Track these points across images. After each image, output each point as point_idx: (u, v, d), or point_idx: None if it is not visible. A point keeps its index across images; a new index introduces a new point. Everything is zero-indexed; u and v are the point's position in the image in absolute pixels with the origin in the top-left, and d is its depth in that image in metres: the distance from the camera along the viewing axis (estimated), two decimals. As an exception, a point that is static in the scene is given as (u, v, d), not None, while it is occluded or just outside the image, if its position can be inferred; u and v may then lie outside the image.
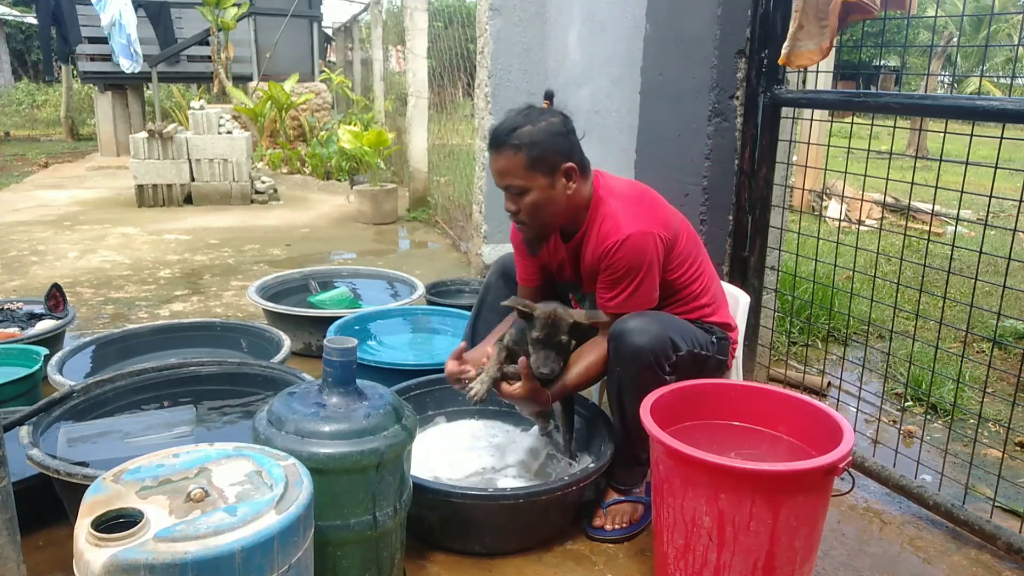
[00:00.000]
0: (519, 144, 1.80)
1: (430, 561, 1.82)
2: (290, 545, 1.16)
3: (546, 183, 1.83)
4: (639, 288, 1.83)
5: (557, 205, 1.87)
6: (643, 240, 1.83)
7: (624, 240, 1.81)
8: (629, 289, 1.84)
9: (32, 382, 2.38)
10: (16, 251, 4.89)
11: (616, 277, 1.84)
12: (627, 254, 1.81)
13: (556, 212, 1.88)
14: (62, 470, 1.59)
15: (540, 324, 1.83)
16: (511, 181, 1.84)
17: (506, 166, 1.83)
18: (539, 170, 1.82)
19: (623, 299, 1.85)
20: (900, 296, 2.29)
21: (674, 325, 1.85)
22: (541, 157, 1.81)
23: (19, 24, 17.73)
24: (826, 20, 2.05)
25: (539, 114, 1.85)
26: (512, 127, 1.82)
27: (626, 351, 1.78)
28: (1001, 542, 1.86)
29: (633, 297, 1.84)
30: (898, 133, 4.90)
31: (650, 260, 1.83)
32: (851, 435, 1.56)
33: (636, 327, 1.78)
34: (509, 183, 1.84)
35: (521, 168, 1.81)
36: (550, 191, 1.84)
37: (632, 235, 1.82)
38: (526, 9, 3.91)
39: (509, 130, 1.81)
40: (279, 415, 1.45)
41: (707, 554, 1.56)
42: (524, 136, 1.80)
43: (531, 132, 1.80)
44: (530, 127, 1.81)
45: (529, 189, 1.83)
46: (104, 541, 1.06)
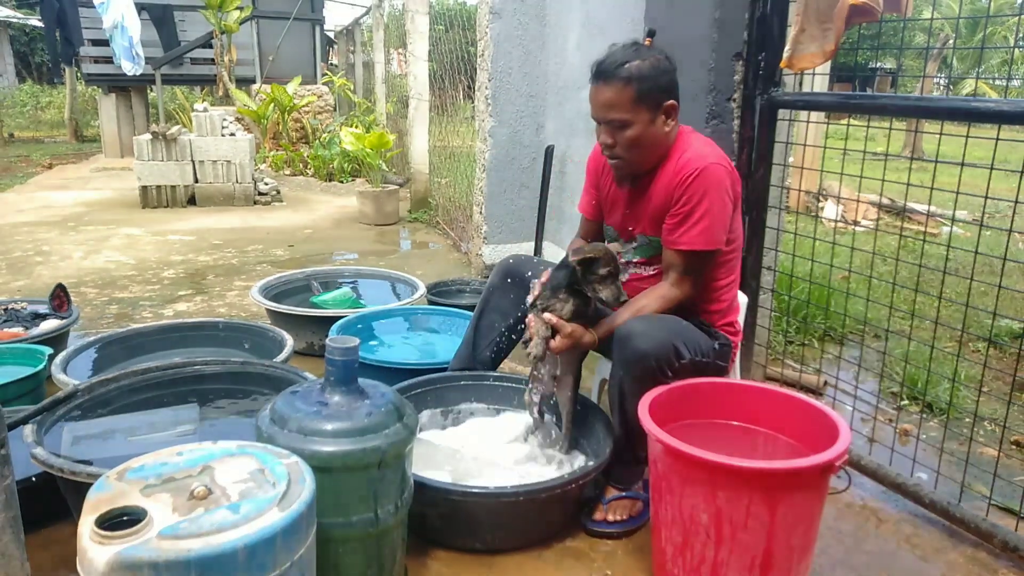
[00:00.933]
0: (628, 77, 1.79)
1: (431, 558, 1.83)
2: (292, 542, 1.17)
3: (648, 119, 1.83)
4: (712, 219, 1.82)
5: (656, 142, 1.88)
6: (720, 172, 1.83)
7: (704, 168, 1.82)
8: (702, 220, 1.82)
9: (36, 381, 2.39)
10: (21, 251, 4.91)
11: (690, 207, 1.83)
12: (704, 182, 1.81)
13: (653, 148, 1.89)
14: (66, 468, 1.60)
15: (603, 262, 1.85)
16: (615, 114, 1.83)
17: (613, 98, 1.82)
18: (645, 105, 1.82)
19: (694, 231, 1.83)
20: (896, 296, 2.31)
21: (680, 331, 1.84)
22: (648, 92, 1.80)
23: (23, 26, 17.76)
24: (828, 23, 2.07)
25: (646, 50, 1.84)
26: (622, 60, 1.80)
27: (630, 354, 1.78)
28: (997, 540, 1.87)
29: (703, 229, 1.83)
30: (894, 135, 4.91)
31: (724, 194, 1.83)
32: (847, 433, 1.58)
33: (642, 331, 1.78)
34: (613, 116, 1.83)
35: (628, 101, 1.81)
36: (651, 127, 1.85)
37: (711, 165, 1.82)
38: (526, 12, 3.93)
39: (619, 63, 1.80)
40: (282, 413, 1.46)
41: (705, 551, 1.57)
42: (633, 70, 1.79)
43: (640, 67, 1.79)
44: (639, 61, 1.80)
45: (632, 123, 1.83)
46: (108, 539, 1.06)
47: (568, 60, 3.76)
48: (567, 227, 3.93)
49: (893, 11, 2.11)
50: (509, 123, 4.06)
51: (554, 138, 3.97)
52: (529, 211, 4.10)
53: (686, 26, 2.48)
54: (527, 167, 4.14)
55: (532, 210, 4.04)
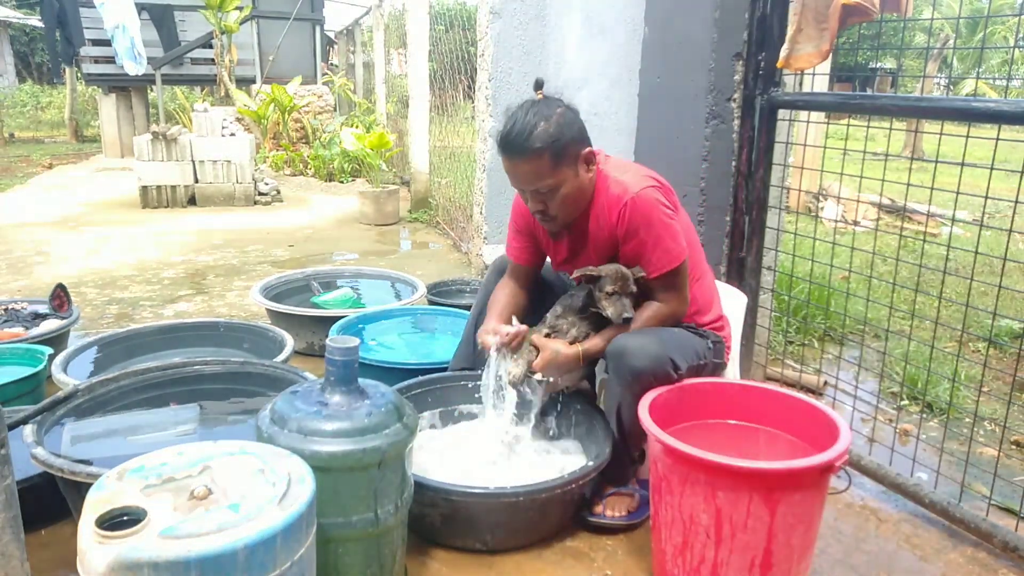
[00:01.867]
0: (541, 146, 1.76)
1: (431, 558, 1.83)
2: (293, 542, 1.17)
3: (572, 174, 1.83)
4: (664, 238, 1.82)
5: (584, 192, 1.87)
6: (648, 194, 1.82)
7: (631, 200, 1.81)
8: (657, 244, 1.83)
9: (36, 381, 2.39)
10: (21, 251, 4.91)
11: (639, 239, 1.84)
12: (638, 211, 1.81)
13: (583, 199, 1.88)
14: (66, 468, 1.60)
15: (611, 280, 1.87)
16: (540, 184, 1.81)
17: (532, 171, 1.80)
18: (565, 164, 1.80)
19: (655, 257, 1.84)
20: (896, 296, 2.31)
21: (672, 342, 1.84)
22: (564, 151, 1.79)
23: (23, 26, 17.77)
24: (825, 23, 2.07)
25: (546, 107, 1.81)
26: (528, 130, 1.77)
27: (627, 372, 1.78)
28: (997, 540, 1.87)
29: (663, 251, 1.83)
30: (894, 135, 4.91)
31: (663, 210, 1.83)
32: (847, 434, 1.58)
33: (636, 347, 1.78)
34: (538, 186, 1.82)
35: (548, 169, 1.79)
36: (576, 180, 1.84)
37: (638, 193, 1.82)
38: (526, 12, 3.92)
39: (526, 134, 1.77)
40: (282, 414, 1.46)
41: (705, 551, 1.57)
42: (543, 137, 1.76)
43: (547, 130, 1.77)
44: (544, 124, 1.77)
45: (559, 186, 1.82)
46: (108, 539, 1.06)
47: (568, 60, 3.76)
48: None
49: (893, 11, 2.11)
50: (509, 123, 4.05)
51: (554, 138, 3.96)
52: (529, 211, 4.09)
53: (686, 26, 2.48)
54: (527, 167, 4.13)
55: (532, 210, 4.03)
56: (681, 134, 2.57)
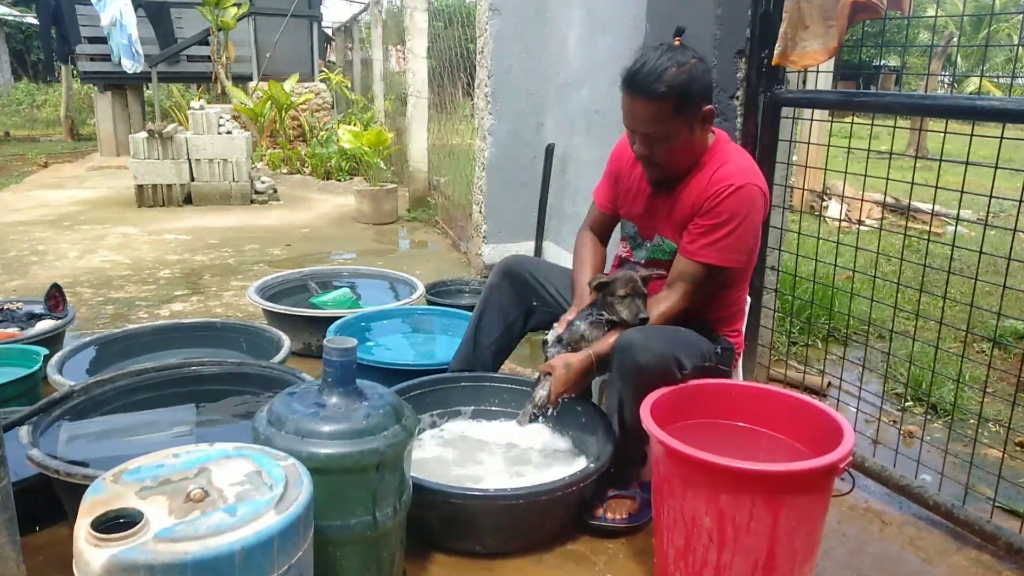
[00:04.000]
0: (667, 91, 1.71)
1: (431, 561, 1.82)
2: (290, 545, 1.16)
3: (687, 129, 1.78)
4: (736, 239, 1.79)
5: (694, 149, 1.84)
6: (756, 194, 1.79)
7: (742, 187, 1.78)
8: (726, 238, 1.79)
9: (32, 382, 2.38)
10: (16, 251, 4.89)
11: (717, 222, 1.79)
12: (737, 201, 1.77)
13: (689, 155, 1.85)
14: (61, 470, 1.59)
15: (621, 283, 1.87)
16: (654, 128, 1.76)
17: (651, 113, 1.74)
18: (683, 116, 1.76)
19: (716, 247, 1.80)
20: (900, 296, 2.29)
21: (681, 341, 1.82)
22: (687, 102, 1.74)
23: (19, 24, 17.73)
24: (832, 20, 2.05)
25: (680, 54, 1.75)
26: (659, 71, 1.70)
27: (630, 368, 1.76)
28: (1001, 542, 1.86)
29: (724, 247, 1.80)
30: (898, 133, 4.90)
31: (755, 216, 1.80)
32: (851, 435, 1.56)
33: (641, 344, 1.75)
34: (651, 130, 1.77)
35: (668, 115, 1.74)
36: (689, 136, 1.80)
37: (749, 184, 1.78)
38: (526, 9, 3.90)
39: (656, 74, 1.70)
40: (279, 415, 1.45)
41: (707, 554, 1.56)
42: (672, 81, 1.70)
43: (678, 77, 1.71)
44: (675, 70, 1.71)
45: (671, 137, 1.77)
46: (104, 541, 1.06)
47: (569, 57, 3.74)
48: (568, 226, 3.91)
49: (896, 9, 2.09)
50: (509, 121, 4.04)
51: (555, 136, 3.95)
52: (529, 210, 4.08)
53: (688, 23, 2.46)
54: (527, 165, 4.12)
55: (532, 209, 4.02)
56: (683, 132, 2.55)
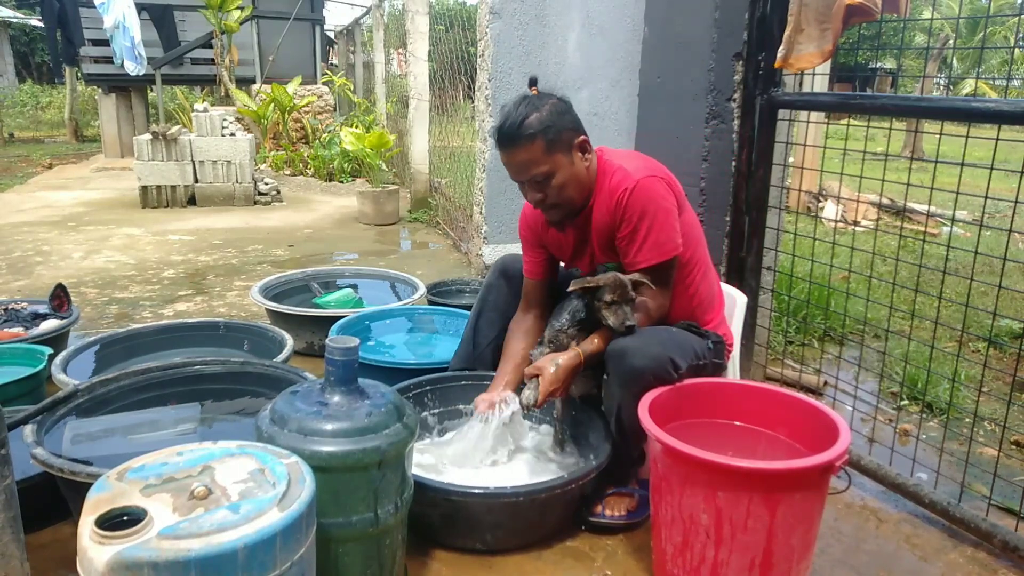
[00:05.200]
0: (533, 133, 1.80)
1: (431, 558, 1.83)
2: (293, 542, 1.17)
3: (567, 161, 1.86)
4: (659, 231, 1.83)
5: (582, 179, 1.90)
6: (652, 184, 1.84)
7: (635, 186, 1.83)
8: (649, 235, 1.84)
9: (36, 381, 2.39)
10: (21, 251, 4.91)
11: (633, 226, 1.84)
12: (639, 199, 1.83)
13: (581, 186, 1.91)
14: (66, 468, 1.60)
15: (609, 289, 1.85)
16: (535, 170, 1.84)
17: (527, 158, 1.83)
18: (559, 150, 1.83)
19: (646, 247, 1.84)
20: (896, 296, 2.32)
21: (674, 342, 1.84)
22: (557, 138, 1.82)
23: (23, 26, 17.77)
24: (827, 23, 2.06)
25: (537, 100, 1.85)
26: (520, 119, 1.81)
27: (626, 373, 1.78)
28: (997, 540, 1.87)
29: (654, 243, 1.84)
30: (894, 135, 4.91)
31: (663, 203, 1.84)
32: (847, 434, 1.58)
33: (635, 347, 1.77)
34: (533, 173, 1.84)
35: (542, 154, 1.82)
36: (572, 168, 1.87)
37: (640, 181, 1.84)
38: (526, 12, 3.92)
39: (518, 123, 1.81)
40: (282, 414, 1.46)
41: (705, 551, 1.57)
42: (535, 124, 1.81)
43: (540, 118, 1.81)
44: (537, 114, 1.81)
45: (554, 172, 1.84)
46: (108, 539, 1.06)
47: (568, 60, 3.76)
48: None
49: (892, 11, 2.11)
50: (509, 123, 4.05)
51: (554, 138, 3.96)
52: (529, 211, 4.09)
53: (686, 26, 2.48)
54: (527, 167, 4.13)
55: (532, 210, 4.03)
56: (681, 134, 2.57)
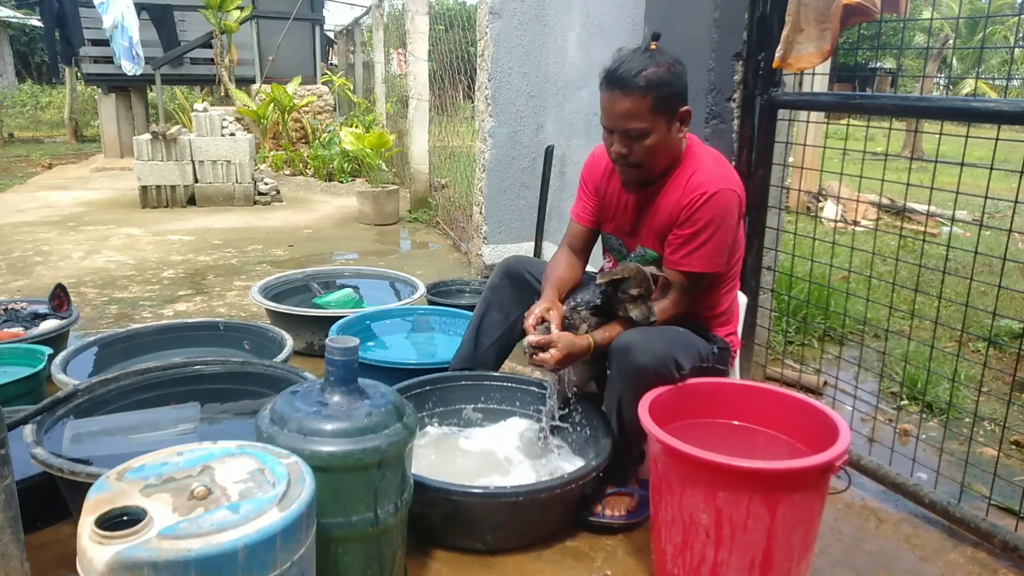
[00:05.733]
0: (647, 85, 1.74)
1: (431, 558, 1.83)
2: (292, 542, 1.17)
3: (665, 127, 1.80)
4: (715, 245, 1.82)
5: (671, 149, 1.85)
6: (730, 198, 1.81)
7: (715, 193, 1.79)
8: (706, 245, 1.81)
9: (36, 381, 2.39)
10: (20, 251, 4.91)
11: (695, 230, 1.82)
12: (712, 208, 1.80)
13: (666, 155, 1.86)
14: (65, 468, 1.60)
15: (635, 283, 1.84)
16: (634, 124, 1.78)
17: (631, 108, 1.76)
18: (663, 113, 1.78)
19: (698, 255, 1.82)
20: (896, 296, 2.32)
21: (678, 341, 1.83)
22: (667, 99, 1.77)
23: (23, 26, 17.77)
24: (826, 23, 2.06)
25: (659, 55, 1.78)
26: (639, 68, 1.74)
27: (629, 369, 1.77)
28: (997, 540, 1.87)
29: (706, 253, 1.82)
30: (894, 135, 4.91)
31: (731, 220, 1.82)
32: (847, 434, 1.58)
33: (640, 344, 1.77)
34: (631, 126, 1.78)
35: (647, 111, 1.76)
36: (667, 134, 1.82)
37: (723, 190, 1.80)
38: (526, 12, 3.93)
39: (636, 71, 1.73)
40: (282, 413, 1.46)
41: (705, 551, 1.57)
42: (652, 77, 1.74)
43: (657, 73, 1.74)
44: (655, 68, 1.74)
45: (650, 132, 1.79)
46: (107, 539, 1.06)
47: (568, 60, 3.76)
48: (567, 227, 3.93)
49: (891, 11, 2.11)
50: (509, 123, 4.06)
51: (554, 138, 3.97)
52: (529, 211, 4.10)
53: (686, 26, 2.48)
54: (527, 167, 4.14)
55: (532, 210, 4.04)
56: (681, 134, 2.57)
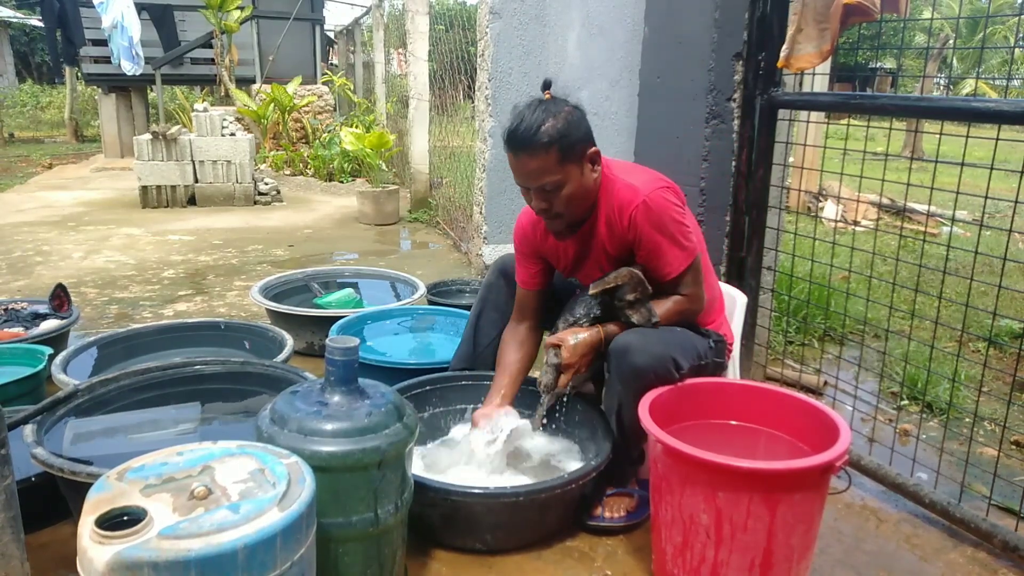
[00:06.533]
0: (549, 141, 1.75)
1: (432, 558, 1.83)
2: (293, 542, 1.17)
3: (578, 172, 1.82)
4: (677, 238, 1.83)
5: (589, 191, 1.86)
6: (657, 196, 1.82)
7: (641, 203, 1.81)
8: (672, 246, 1.83)
9: (36, 381, 2.39)
10: (21, 251, 4.91)
11: (654, 243, 1.83)
12: (648, 215, 1.81)
13: (588, 198, 1.87)
14: (66, 468, 1.60)
15: (630, 288, 1.84)
16: (546, 179, 1.79)
17: (539, 166, 1.78)
18: (571, 161, 1.79)
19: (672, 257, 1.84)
20: (896, 296, 2.32)
21: (676, 342, 1.83)
22: (571, 148, 1.78)
23: (23, 26, 17.78)
24: (826, 23, 2.07)
25: (553, 105, 1.80)
26: (536, 125, 1.76)
27: (627, 371, 1.78)
28: (997, 540, 1.87)
29: (676, 249, 1.83)
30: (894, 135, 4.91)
31: (672, 211, 1.83)
32: (847, 434, 1.58)
33: (638, 346, 1.77)
34: (544, 182, 1.80)
35: (555, 164, 1.78)
36: (581, 179, 1.83)
37: (647, 196, 1.81)
38: (526, 12, 3.92)
39: (534, 129, 1.76)
40: (282, 413, 1.46)
41: (705, 551, 1.57)
42: (551, 132, 1.75)
43: (556, 126, 1.76)
44: (553, 121, 1.76)
45: (564, 183, 1.80)
46: (108, 539, 1.06)
47: (568, 60, 3.76)
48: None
49: (892, 11, 2.11)
50: (509, 123, 4.06)
51: (554, 138, 3.97)
52: (529, 211, 4.10)
53: (686, 26, 2.48)
54: (527, 167, 4.13)
55: (532, 210, 4.03)
56: (681, 134, 2.57)
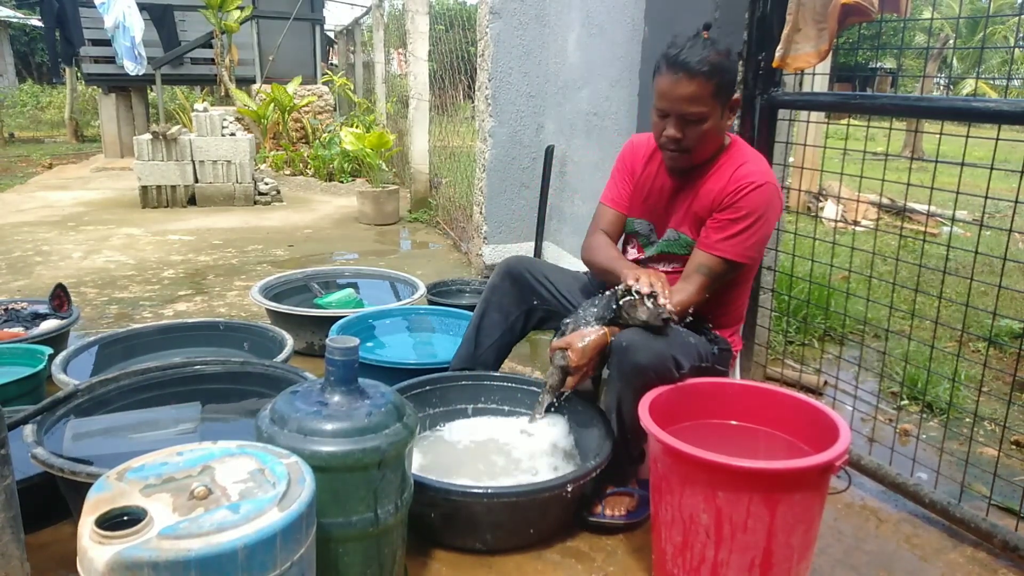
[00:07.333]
0: (711, 71, 1.74)
1: (431, 558, 1.84)
2: (292, 542, 1.17)
3: (720, 113, 1.82)
4: (753, 236, 1.83)
5: (719, 137, 1.87)
6: (775, 195, 1.84)
7: (761, 185, 1.82)
8: (743, 234, 1.83)
9: (36, 381, 2.39)
10: (20, 251, 4.91)
11: (737, 216, 1.83)
12: (758, 199, 1.82)
13: (716, 142, 1.88)
14: (66, 468, 1.60)
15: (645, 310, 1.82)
16: (694, 108, 1.78)
17: (693, 92, 1.76)
18: (721, 99, 1.80)
19: (733, 242, 1.83)
20: (896, 296, 2.32)
21: (679, 341, 1.83)
22: (726, 87, 1.79)
23: (23, 26, 17.79)
24: (824, 23, 2.07)
25: (717, 43, 1.79)
26: (702, 53, 1.74)
27: (628, 368, 1.77)
28: (997, 540, 1.87)
29: (741, 242, 1.83)
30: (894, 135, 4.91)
31: (772, 216, 1.85)
32: (847, 433, 1.58)
33: (639, 343, 1.77)
34: (691, 110, 1.78)
35: (709, 95, 1.77)
36: (720, 121, 1.83)
37: (769, 184, 1.83)
38: (526, 12, 3.93)
39: (699, 55, 1.74)
40: (282, 413, 1.46)
41: (705, 551, 1.57)
42: (716, 63, 1.74)
43: (720, 60, 1.75)
44: (715, 55, 1.75)
45: (707, 117, 1.79)
46: (108, 539, 1.06)
47: (568, 60, 3.76)
48: (567, 227, 3.93)
49: (892, 11, 2.11)
50: (509, 123, 4.07)
51: (554, 138, 3.97)
52: (529, 211, 4.10)
53: (685, 26, 2.48)
54: (527, 167, 4.14)
55: (532, 210, 4.04)
56: (681, 134, 2.56)
